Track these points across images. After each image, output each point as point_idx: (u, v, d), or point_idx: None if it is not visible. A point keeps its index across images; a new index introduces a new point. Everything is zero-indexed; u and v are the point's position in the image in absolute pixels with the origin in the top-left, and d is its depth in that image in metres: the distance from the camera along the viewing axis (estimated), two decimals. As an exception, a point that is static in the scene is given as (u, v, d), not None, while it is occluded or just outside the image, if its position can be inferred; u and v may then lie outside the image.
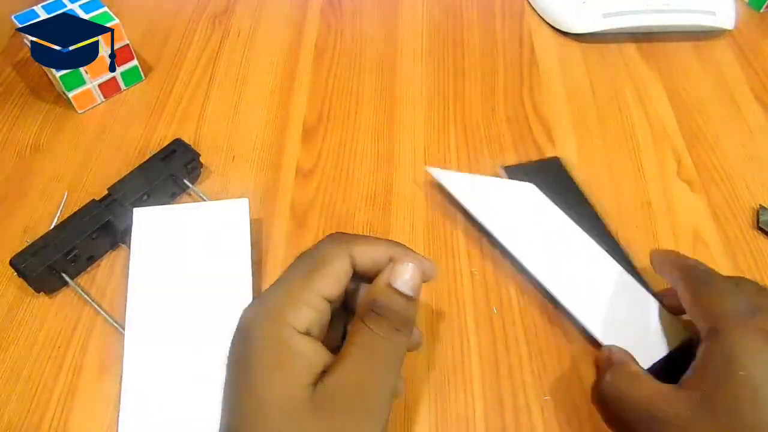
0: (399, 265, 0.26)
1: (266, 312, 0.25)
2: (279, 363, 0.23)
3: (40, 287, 0.38)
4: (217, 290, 0.36)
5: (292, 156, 0.46)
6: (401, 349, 0.25)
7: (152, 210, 0.39)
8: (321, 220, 0.43)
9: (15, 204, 0.43)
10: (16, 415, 0.34)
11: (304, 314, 0.24)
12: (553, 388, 0.35)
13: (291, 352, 0.24)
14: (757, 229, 0.43)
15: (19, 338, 0.37)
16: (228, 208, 0.39)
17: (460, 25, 0.57)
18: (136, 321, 0.35)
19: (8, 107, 0.49)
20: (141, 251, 0.37)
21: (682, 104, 0.51)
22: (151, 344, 0.34)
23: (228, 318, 0.35)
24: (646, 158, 0.47)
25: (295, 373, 0.23)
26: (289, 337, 0.24)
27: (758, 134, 0.49)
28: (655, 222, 0.43)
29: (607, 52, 0.55)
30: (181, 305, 0.35)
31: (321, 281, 0.25)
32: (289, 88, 0.51)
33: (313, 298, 0.25)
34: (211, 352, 0.34)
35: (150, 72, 0.52)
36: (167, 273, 0.36)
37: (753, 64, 0.55)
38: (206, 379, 0.33)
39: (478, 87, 0.52)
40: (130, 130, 0.48)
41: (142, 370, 0.33)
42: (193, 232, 0.38)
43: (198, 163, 0.43)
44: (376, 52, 0.54)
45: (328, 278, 0.25)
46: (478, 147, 0.47)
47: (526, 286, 0.39)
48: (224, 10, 0.58)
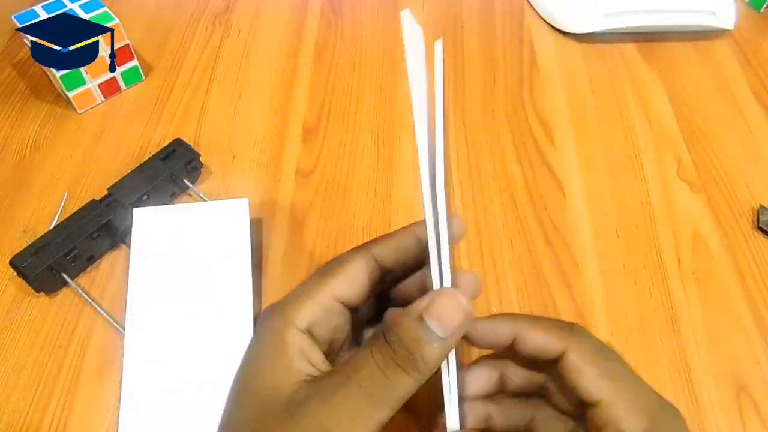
0: (442, 297, 0.21)
1: (274, 308, 0.24)
2: (268, 355, 0.23)
3: (40, 287, 0.38)
4: (216, 290, 0.36)
5: (292, 156, 0.46)
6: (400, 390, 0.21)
7: (152, 210, 0.39)
8: (321, 220, 0.43)
9: (15, 204, 0.43)
10: (16, 415, 0.34)
11: (307, 310, 0.23)
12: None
13: (282, 346, 0.22)
14: (757, 229, 0.43)
15: (19, 338, 0.37)
16: (228, 208, 0.39)
17: (460, 25, 0.57)
18: (136, 321, 0.35)
19: (8, 107, 0.49)
20: (141, 251, 0.37)
21: (682, 104, 0.51)
22: (151, 344, 0.34)
23: (227, 318, 0.35)
24: (646, 158, 0.47)
25: (281, 367, 0.22)
26: (284, 331, 0.23)
27: (758, 134, 0.49)
28: (655, 222, 0.43)
29: (607, 52, 0.55)
30: (181, 305, 0.35)
31: (334, 281, 0.24)
32: (289, 88, 0.51)
33: (322, 296, 0.24)
34: (211, 352, 0.34)
35: (150, 72, 0.52)
36: (167, 273, 0.36)
37: (753, 64, 0.55)
38: (206, 379, 0.33)
39: (478, 87, 0.52)
40: (130, 130, 0.48)
41: (142, 370, 0.33)
42: (193, 232, 0.38)
43: (198, 163, 0.43)
44: (376, 52, 0.54)
45: (342, 278, 0.24)
46: (478, 147, 0.47)
47: (526, 285, 0.39)
48: (224, 9, 0.58)
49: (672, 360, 0.36)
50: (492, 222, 0.43)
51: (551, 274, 0.40)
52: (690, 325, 0.38)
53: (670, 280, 0.40)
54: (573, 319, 0.38)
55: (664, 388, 0.35)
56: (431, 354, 0.21)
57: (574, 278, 0.40)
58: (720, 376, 0.36)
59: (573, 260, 0.41)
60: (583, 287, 0.39)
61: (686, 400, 0.35)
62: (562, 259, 0.41)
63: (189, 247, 0.37)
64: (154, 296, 0.36)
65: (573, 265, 0.40)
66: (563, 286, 0.39)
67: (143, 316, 0.35)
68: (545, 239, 0.42)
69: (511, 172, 0.46)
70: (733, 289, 0.40)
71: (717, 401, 0.35)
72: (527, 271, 0.40)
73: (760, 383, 0.35)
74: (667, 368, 0.36)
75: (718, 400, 0.35)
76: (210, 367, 0.33)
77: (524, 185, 0.45)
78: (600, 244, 0.42)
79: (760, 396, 0.35)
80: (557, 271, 0.40)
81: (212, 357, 0.34)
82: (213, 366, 0.33)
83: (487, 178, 0.45)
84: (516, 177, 0.45)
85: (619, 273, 0.40)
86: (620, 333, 0.37)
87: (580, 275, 0.40)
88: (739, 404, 0.35)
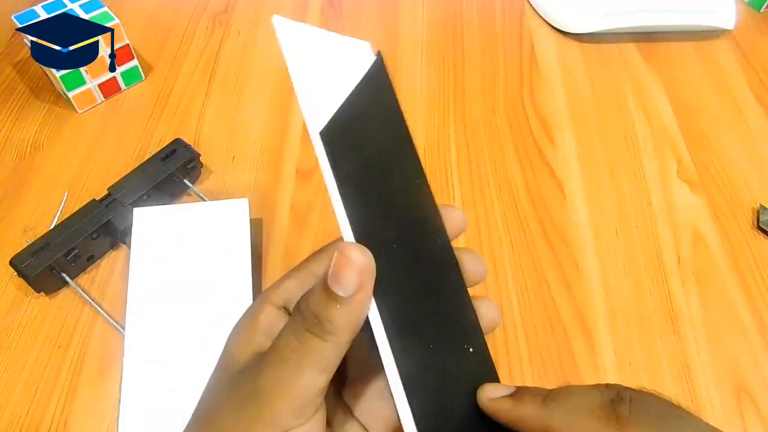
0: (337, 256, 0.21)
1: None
2: (238, 330, 0.24)
3: (41, 287, 0.38)
4: (216, 290, 0.36)
5: (292, 156, 0.46)
6: (317, 355, 0.21)
7: (152, 210, 0.39)
8: (321, 220, 0.43)
9: (15, 204, 0.43)
10: (17, 414, 0.34)
11: (284, 288, 0.24)
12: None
13: (251, 321, 0.24)
14: (757, 229, 0.43)
15: (20, 338, 0.37)
16: (228, 208, 0.39)
17: (460, 25, 0.57)
18: (136, 320, 0.35)
19: (8, 107, 0.49)
20: (141, 251, 0.37)
21: (682, 104, 0.51)
22: (151, 344, 0.34)
23: (227, 317, 0.35)
24: (646, 158, 0.47)
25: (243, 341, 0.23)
26: (258, 309, 0.24)
27: (758, 134, 0.49)
28: (655, 222, 0.43)
29: (607, 52, 0.55)
30: (181, 305, 0.35)
31: (314, 259, 0.24)
32: (289, 88, 0.51)
33: (301, 273, 0.24)
34: (210, 351, 0.34)
35: (150, 72, 0.52)
36: (167, 273, 0.36)
37: (753, 64, 0.55)
38: (206, 378, 0.33)
39: (478, 87, 0.52)
40: (130, 129, 0.48)
41: (142, 369, 0.33)
42: (193, 231, 0.38)
43: (198, 163, 0.43)
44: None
45: (322, 255, 0.24)
46: (478, 147, 0.47)
47: (526, 285, 0.39)
48: (224, 9, 0.58)
49: (672, 360, 0.36)
50: (492, 222, 0.43)
51: (551, 274, 0.40)
52: (690, 325, 0.38)
53: (670, 280, 0.40)
54: (573, 318, 0.38)
55: (664, 388, 0.35)
56: (336, 315, 0.21)
57: (574, 278, 0.40)
58: (720, 376, 0.36)
59: (573, 260, 0.41)
60: (583, 287, 0.39)
61: (686, 400, 0.35)
62: (562, 259, 0.41)
63: (189, 247, 0.37)
64: (154, 296, 0.36)
65: (573, 265, 0.40)
66: (563, 286, 0.39)
67: (143, 315, 0.35)
68: (545, 239, 0.42)
69: (511, 172, 0.46)
70: (733, 289, 0.40)
71: (717, 401, 0.35)
72: (527, 271, 0.40)
73: (760, 383, 0.35)
74: (667, 368, 0.36)
75: (718, 400, 0.35)
76: (209, 366, 0.33)
77: (524, 185, 0.45)
78: (600, 244, 0.42)
79: (760, 396, 0.35)
80: (557, 271, 0.40)
81: (211, 356, 0.34)
82: (212, 365, 0.33)
83: (487, 178, 0.45)
84: (516, 177, 0.45)
85: (619, 273, 0.40)
86: (620, 333, 0.37)
87: (580, 275, 0.40)
88: (739, 404, 0.35)
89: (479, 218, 0.43)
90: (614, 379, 0.35)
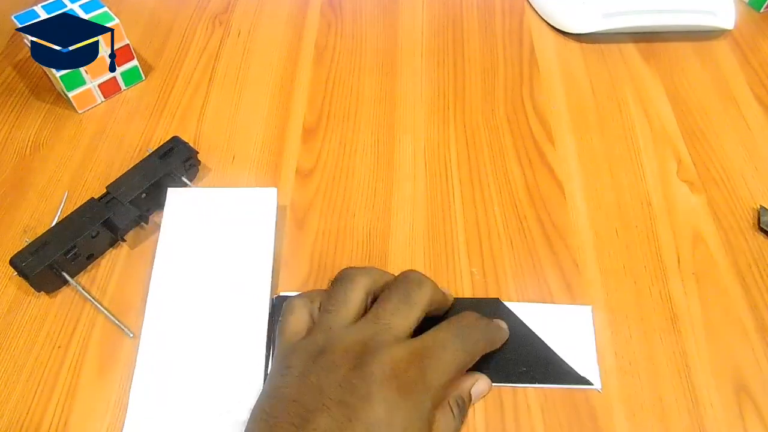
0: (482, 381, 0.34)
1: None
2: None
3: (41, 286, 0.38)
4: (236, 285, 0.36)
5: (292, 156, 0.46)
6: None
7: (185, 191, 0.40)
8: (321, 220, 0.43)
9: (15, 203, 0.43)
10: (16, 414, 0.34)
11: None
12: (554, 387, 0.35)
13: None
14: (758, 230, 0.43)
15: (20, 338, 0.37)
16: (257, 196, 0.40)
17: (460, 25, 0.57)
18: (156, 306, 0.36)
19: (8, 107, 0.49)
20: (170, 231, 0.38)
21: (682, 104, 0.51)
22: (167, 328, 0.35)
23: (242, 316, 0.35)
24: (646, 158, 0.47)
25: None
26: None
27: (758, 134, 0.49)
28: (655, 222, 0.43)
29: (607, 52, 0.55)
30: (200, 298, 0.36)
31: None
32: (289, 88, 0.51)
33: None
34: (221, 350, 0.34)
35: (150, 72, 0.52)
36: (191, 260, 0.37)
37: (753, 64, 0.55)
38: (218, 376, 0.33)
39: (478, 87, 0.52)
40: (130, 129, 0.48)
41: (155, 364, 0.34)
42: (221, 217, 0.39)
43: (196, 161, 0.43)
44: (376, 52, 0.54)
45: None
46: (478, 147, 0.47)
47: (526, 285, 0.39)
48: (224, 9, 0.58)
49: (672, 360, 0.36)
50: (492, 222, 0.43)
51: (551, 274, 0.40)
52: (690, 325, 0.38)
53: (670, 280, 0.40)
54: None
55: (664, 388, 0.35)
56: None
57: (574, 278, 0.40)
58: (720, 376, 0.36)
59: (573, 260, 0.41)
60: (583, 287, 0.39)
61: (686, 400, 0.35)
62: (562, 259, 0.41)
63: (215, 233, 0.38)
64: (177, 280, 0.36)
65: (573, 265, 0.40)
66: (563, 286, 0.39)
67: (163, 302, 0.36)
68: (545, 239, 0.42)
69: (511, 172, 0.46)
70: (733, 289, 0.40)
71: (717, 401, 0.35)
72: (527, 271, 0.40)
73: (760, 383, 0.35)
74: (667, 368, 0.36)
75: (718, 400, 0.35)
76: (220, 364, 0.34)
77: (524, 185, 0.45)
78: (600, 244, 0.42)
79: (760, 396, 0.35)
80: (557, 271, 0.40)
81: (223, 355, 0.34)
82: (222, 363, 0.33)
83: (487, 178, 0.45)
84: (516, 177, 0.45)
85: (619, 273, 0.40)
86: (620, 333, 0.37)
87: (580, 275, 0.40)
88: (739, 404, 0.35)
89: (479, 218, 0.43)
90: (614, 378, 0.35)
